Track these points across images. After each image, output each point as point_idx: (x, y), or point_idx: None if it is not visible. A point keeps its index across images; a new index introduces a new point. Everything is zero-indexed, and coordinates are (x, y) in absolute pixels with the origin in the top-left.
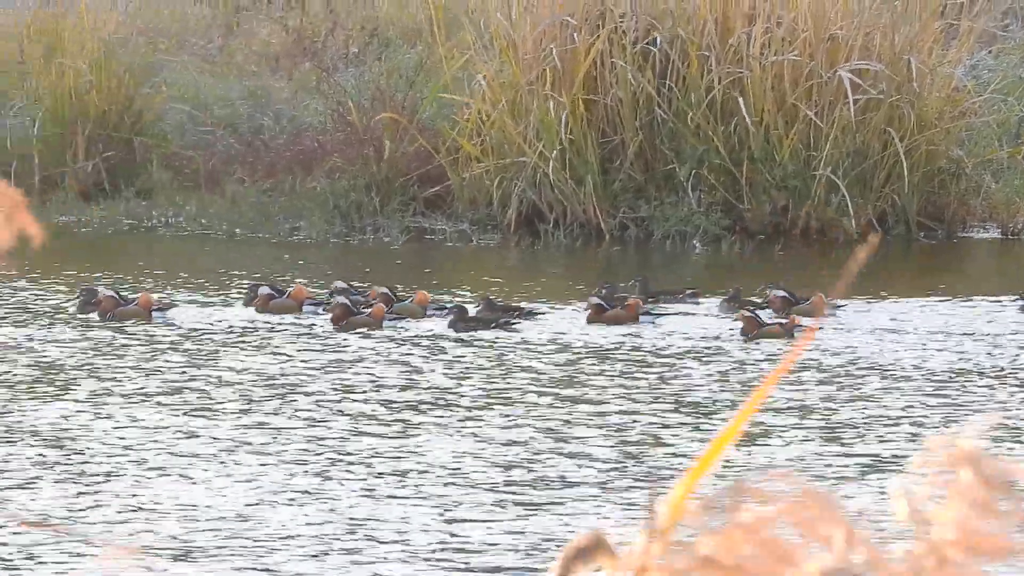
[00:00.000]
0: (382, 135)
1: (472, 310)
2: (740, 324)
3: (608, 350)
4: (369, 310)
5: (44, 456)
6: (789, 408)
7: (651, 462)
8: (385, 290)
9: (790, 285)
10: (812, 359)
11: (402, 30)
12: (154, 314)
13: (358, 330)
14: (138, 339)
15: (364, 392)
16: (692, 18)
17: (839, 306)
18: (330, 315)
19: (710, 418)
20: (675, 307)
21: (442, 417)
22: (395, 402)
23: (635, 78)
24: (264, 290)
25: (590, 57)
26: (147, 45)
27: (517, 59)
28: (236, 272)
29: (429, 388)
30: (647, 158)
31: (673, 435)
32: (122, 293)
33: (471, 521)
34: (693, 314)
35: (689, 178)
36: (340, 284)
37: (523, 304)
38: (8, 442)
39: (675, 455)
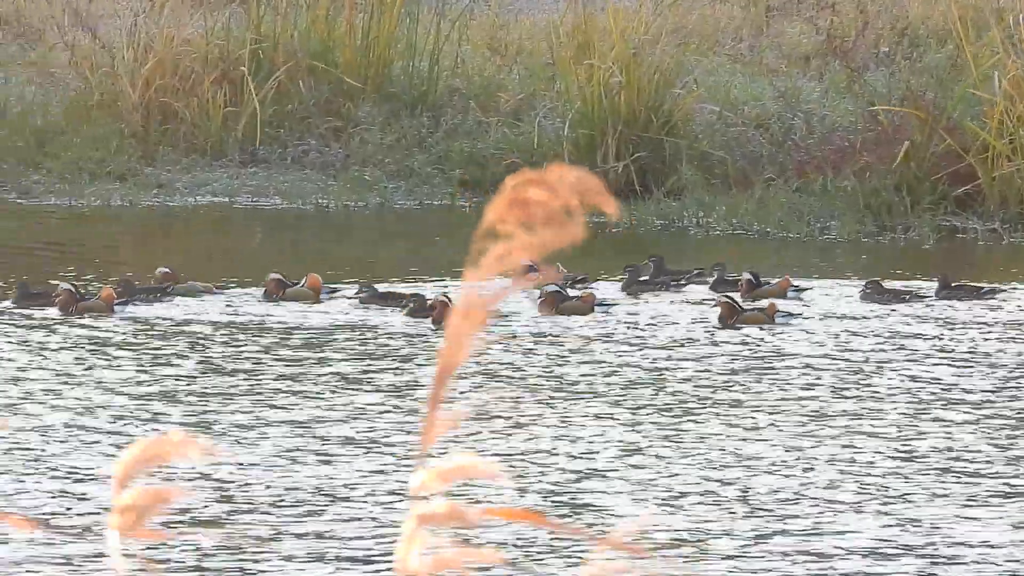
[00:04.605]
0: (912, 134)
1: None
2: (718, 310)
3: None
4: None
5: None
6: None
7: None
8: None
9: None
10: None
11: (932, 29)
12: (115, 308)
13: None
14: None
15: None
16: None
17: (802, 290)
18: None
19: None
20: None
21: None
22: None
23: None
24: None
25: None
26: (677, 46)
27: None
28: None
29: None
30: None
31: None
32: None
33: None
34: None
35: None
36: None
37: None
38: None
39: None
